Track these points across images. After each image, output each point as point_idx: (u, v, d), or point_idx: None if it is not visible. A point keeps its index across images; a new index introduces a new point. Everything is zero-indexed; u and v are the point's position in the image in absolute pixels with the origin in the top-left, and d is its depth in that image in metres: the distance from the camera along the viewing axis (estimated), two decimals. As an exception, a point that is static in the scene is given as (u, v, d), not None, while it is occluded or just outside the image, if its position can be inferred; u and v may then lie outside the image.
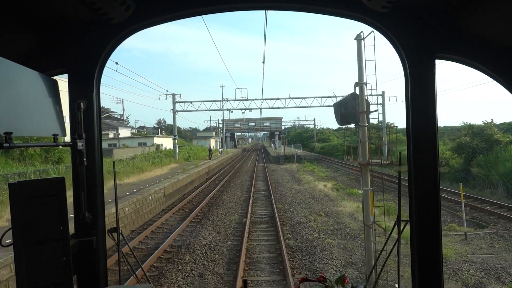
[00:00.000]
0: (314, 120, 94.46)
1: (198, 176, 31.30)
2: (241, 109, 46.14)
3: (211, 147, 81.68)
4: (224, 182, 29.98)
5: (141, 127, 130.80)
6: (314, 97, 44.38)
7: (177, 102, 43.94)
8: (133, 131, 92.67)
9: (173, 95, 43.66)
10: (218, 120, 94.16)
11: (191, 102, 44.70)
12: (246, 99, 44.72)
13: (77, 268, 2.34)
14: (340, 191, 24.42)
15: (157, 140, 57.42)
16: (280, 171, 39.45)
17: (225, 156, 58.31)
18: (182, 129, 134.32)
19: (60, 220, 2.02)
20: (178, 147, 67.70)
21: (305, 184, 28.13)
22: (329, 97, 44.06)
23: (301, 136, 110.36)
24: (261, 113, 48.87)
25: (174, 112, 43.82)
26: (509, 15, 1.97)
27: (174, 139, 43.74)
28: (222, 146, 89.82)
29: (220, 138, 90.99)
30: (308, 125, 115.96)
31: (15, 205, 1.87)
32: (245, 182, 29.85)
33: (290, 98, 44.41)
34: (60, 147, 2.38)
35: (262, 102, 45.34)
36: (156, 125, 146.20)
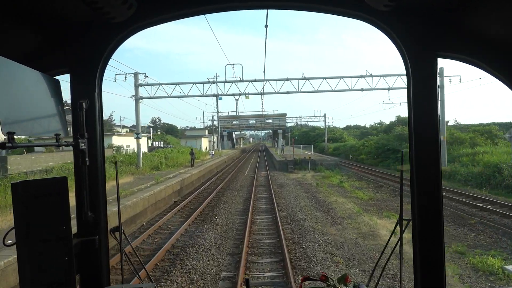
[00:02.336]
0: (325, 116, 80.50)
1: (153, 203, 17.75)
2: (233, 95, 32.48)
3: (202, 148, 67.89)
4: (196, 215, 16.41)
5: (134, 126, 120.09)
6: (341, 77, 30.69)
7: (140, 85, 30.34)
8: (125, 130, 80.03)
9: (136, 74, 30.06)
10: (212, 116, 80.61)
11: (160, 84, 31.06)
12: (241, 81, 30.97)
13: (79, 268, 2.31)
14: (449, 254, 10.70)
15: (117, 140, 43.49)
16: (292, 187, 25.84)
17: (216, 161, 44.66)
18: (179, 128, 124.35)
19: (62, 220, 2.04)
20: (164, 148, 54.69)
21: (346, 222, 14.63)
22: (362, 76, 30.39)
23: (308, 135, 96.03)
24: (262, 101, 34.23)
25: (137, 98, 30.24)
26: (511, 13, 1.97)
27: (137, 138, 30.12)
28: (217, 147, 76.07)
29: (214, 137, 77.44)
30: (311, 122, 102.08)
31: (17, 204, 1.88)
32: (233, 219, 16.23)
33: (305, 78, 30.74)
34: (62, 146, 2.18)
35: (264, 84, 31.66)
36: (150, 124, 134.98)
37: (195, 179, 28.37)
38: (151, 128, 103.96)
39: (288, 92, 31.42)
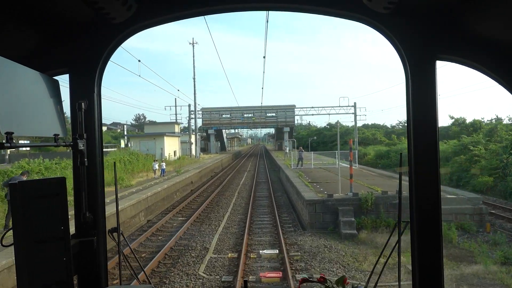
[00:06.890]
0: (355, 106, 53.55)
1: None
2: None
3: (165, 154, 40.48)
4: None
5: (114, 124, 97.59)
6: None
7: None
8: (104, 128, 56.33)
9: None
10: (189, 105, 54.57)
11: None
12: None
13: (77, 268, 2.32)
14: None
15: None
16: None
17: (152, 192, 18.58)
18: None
19: (61, 220, 2.04)
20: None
21: None
22: None
23: (322, 136, 69.95)
24: (267, 26, 10.51)
25: None
26: (510, 16, 1.96)
27: None
28: (195, 151, 49.86)
29: (194, 136, 51.34)
30: (334, 115, 76.08)
31: (16, 204, 1.88)
32: None
33: None
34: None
35: None
36: (133, 122, 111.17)
37: None
38: (125, 126, 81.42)
39: None
